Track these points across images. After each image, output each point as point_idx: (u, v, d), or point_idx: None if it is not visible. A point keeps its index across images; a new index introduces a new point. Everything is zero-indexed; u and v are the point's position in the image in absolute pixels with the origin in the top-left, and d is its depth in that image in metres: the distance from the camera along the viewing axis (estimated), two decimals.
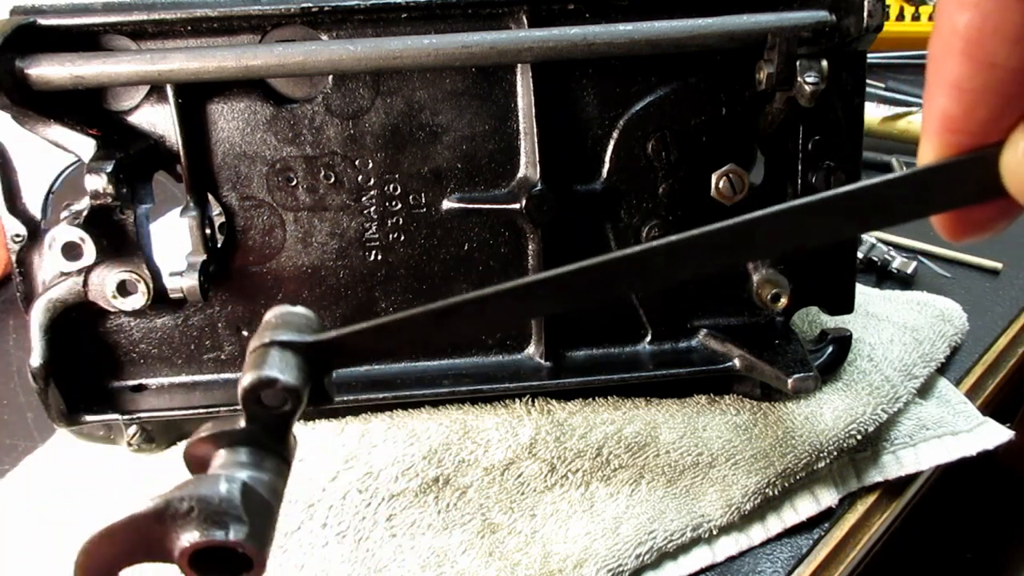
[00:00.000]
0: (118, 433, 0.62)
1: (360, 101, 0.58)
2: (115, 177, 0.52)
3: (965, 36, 0.21)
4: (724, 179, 0.60)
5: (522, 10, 0.57)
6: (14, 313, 0.78)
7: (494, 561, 0.55)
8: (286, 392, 0.34)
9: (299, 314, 0.38)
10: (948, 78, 0.22)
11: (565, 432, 0.60)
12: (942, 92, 0.22)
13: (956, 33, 0.21)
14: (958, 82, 0.22)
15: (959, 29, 0.21)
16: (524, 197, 0.59)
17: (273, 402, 0.35)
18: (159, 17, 0.55)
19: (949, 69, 0.22)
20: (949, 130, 0.23)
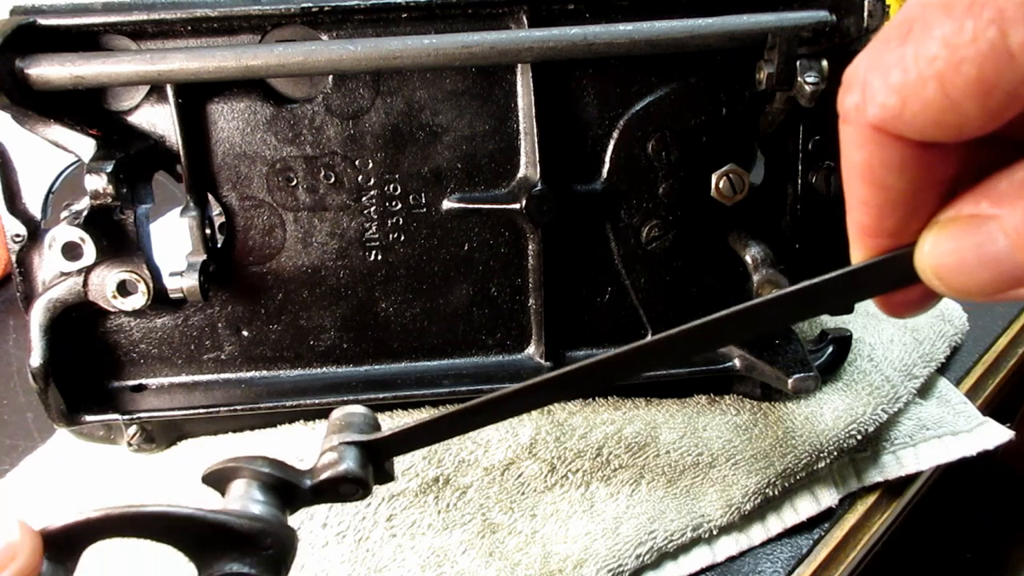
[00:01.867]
0: (118, 433, 0.62)
1: (360, 101, 0.59)
2: (115, 177, 0.52)
3: (860, 168, 0.25)
4: (724, 179, 0.60)
5: (522, 10, 0.57)
6: (14, 313, 0.78)
7: (494, 561, 0.55)
8: (358, 485, 0.42)
9: (359, 414, 0.45)
10: (856, 198, 0.26)
11: (565, 432, 0.60)
12: (855, 208, 0.27)
13: (854, 166, 0.25)
14: (864, 201, 0.26)
15: (856, 163, 0.25)
16: (524, 197, 0.59)
17: (347, 491, 0.42)
18: (159, 17, 0.55)
19: (855, 191, 0.26)
20: (868, 235, 0.27)
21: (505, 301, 0.63)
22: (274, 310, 0.62)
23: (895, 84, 0.23)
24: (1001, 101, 0.22)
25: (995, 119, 0.22)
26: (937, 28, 0.22)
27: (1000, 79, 0.21)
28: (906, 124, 0.23)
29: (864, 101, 0.24)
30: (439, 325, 0.63)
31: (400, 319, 0.63)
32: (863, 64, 0.24)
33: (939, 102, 0.22)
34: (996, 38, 0.21)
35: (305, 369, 0.63)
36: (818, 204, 0.62)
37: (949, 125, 0.23)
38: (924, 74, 0.22)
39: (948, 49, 0.22)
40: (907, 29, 0.23)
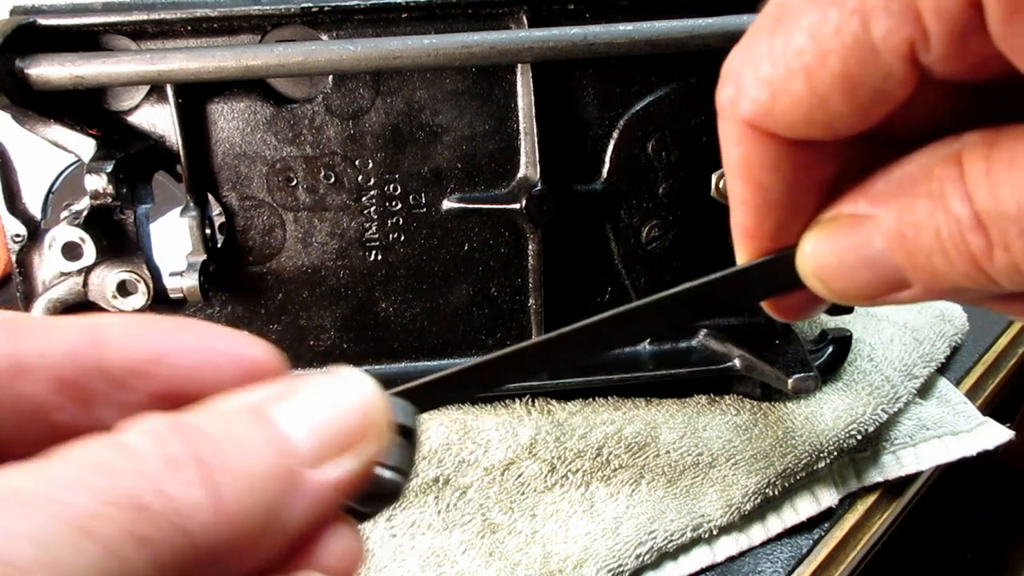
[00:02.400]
0: None
1: (360, 101, 0.59)
2: (115, 177, 0.52)
3: (738, 165, 0.24)
4: (724, 179, 0.60)
5: (522, 10, 0.57)
6: None
7: (494, 561, 0.55)
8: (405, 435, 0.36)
9: None
10: (736, 196, 0.25)
11: (565, 432, 0.60)
12: (735, 207, 0.25)
13: (732, 163, 0.24)
14: (743, 199, 0.25)
15: (733, 160, 0.24)
16: (524, 197, 0.59)
17: None
18: (159, 17, 0.55)
19: (734, 189, 0.25)
20: (749, 236, 0.26)
21: (505, 301, 0.63)
22: (274, 310, 0.62)
23: (764, 78, 0.22)
24: (868, 97, 0.21)
25: (865, 117, 0.21)
26: (804, 18, 0.21)
27: (865, 74, 0.20)
28: (776, 120, 0.22)
29: (736, 95, 0.23)
30: (439, 325, 0.63)
31: (400, 319, 0.63)
32: (737, 57, 0.23)
33: (807, 98, 0.21)
34: (859, 30, 0.20)
35: (305, 369, 0.63)
36: None
37: (818, 122, 0.22)
38: (791, 68, 0.21)
39: (813, 41, 0.20)
40: (777, 18, 0.21)
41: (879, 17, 0.19)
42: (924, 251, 0.21)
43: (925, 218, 0.21)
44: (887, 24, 0.19)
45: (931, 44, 0.19)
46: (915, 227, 0.21)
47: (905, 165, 0.22)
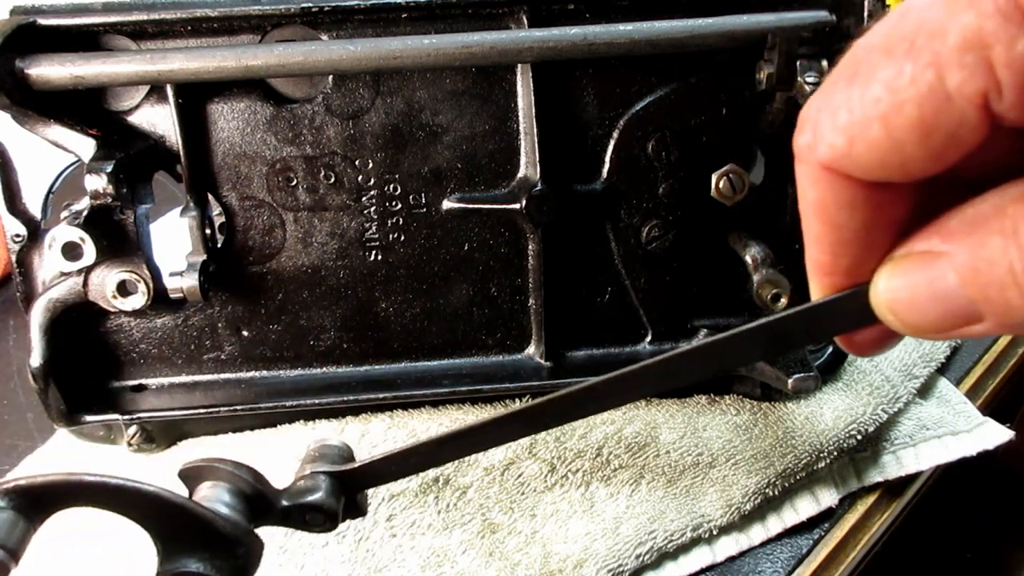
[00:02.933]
0: (118, 433, 0.62)
1: (360, 101, 0.59)
2: (115, 177, 0.52)
3: (815, 206, 0.26)
4: (724, 179, 0.60)
5: (522, 10, 0.57)
6: (14, 313, 0.78)
7: (494, 561, 0.55)
8: (327, 516, 0.42)
9: (334, 445, 0.45)
10: (812, 235, 0.27)
11: (565, 432, 0.60)
12: (811, 245, 0.27)
13: (809, 204, 0.26)
14: (819, 238, 0.26)
15: (810, 201, 0.26)
16: (524, 197, 0.59)
17: (314, 521, 0.42)
18: (159, 17, 0.55)
19: (811, 228, 0.26)
20: (824, 273, 0.27)
21: (505, 301, 0.63)
22: (274, 310, 0.62)
23: (842, 125, 0.23)
24: (942, 142, 0.22)
25: (938, 160, 0.23)
26: (880, 71, 0.22)
27: (939, 121, 0.21)
28: (854, 164, 0.24)
29: (815, 141, 0.24)
30: (439, 325, 0.63)
31: (400, 319, 0.63)
32: (814, 105, 0.25)
33: (883, 143, 0.23)
34: (934, 81, 0.21)
35: (305, 369, 0.63)
36: None
37: (894, 165, 0.23)
38: (869, 115, 0.22)
39: (890, 91, 0.22)
40: (853, 71, 0.23)
41: (953, 69, 0.21)
42: (997, 285, 0.22)
43: (999, 254, 0.22)
44: (961, 75, 0.21)
45: (1003, 94, 0.21)
46: (989, 262, 0.22)
47: (978, 204, 0.23)
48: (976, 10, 0.20)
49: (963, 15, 0.20)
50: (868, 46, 0.23)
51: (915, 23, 0.22)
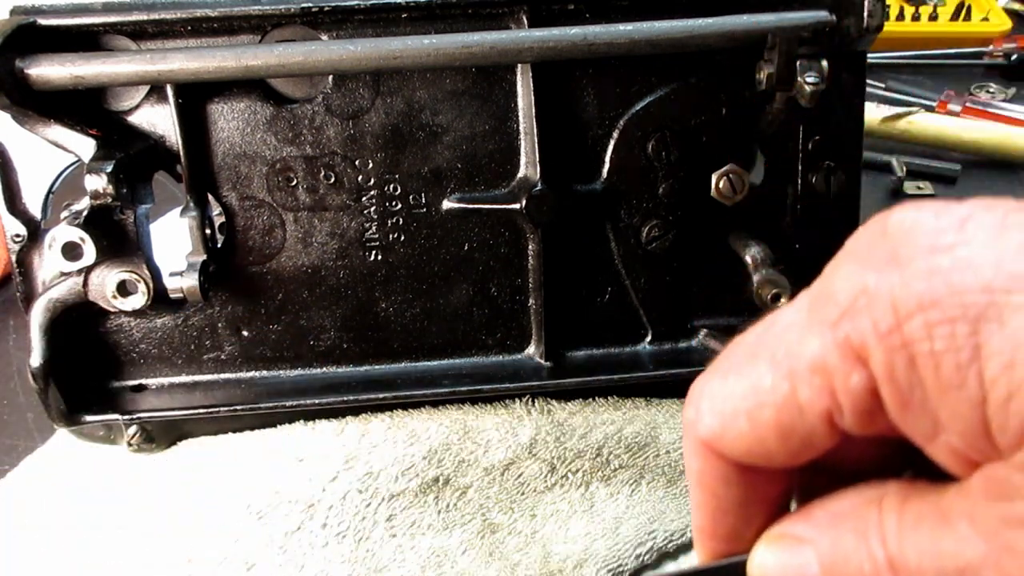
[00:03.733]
0: (118, 433, 0.62)
1: (360, 101, 0.59)
2: (115, 177, 0.52)
3: (696, 475, 0.28)
4: (724, 179, 0.60)
5: (522, 10, 0.57)
6: (14, 313, 0.78)
7: (494, 561, 0.55)
8: None
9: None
10: (694, 500, 0.29)
11: (565, 432, 0.60)
12: (694, 509, 0.29)
13: (691, 472, 0.28)
14: (700, 504, 0.28)
15: (693, 470, 0.28)
16: (524, 197, 0.59)
17: None
18: (159, 17, 0.55)
19: (693, 494, 0.28)
20: (706, 536, 0.29)
21: (505, 301, 0.63)
22: (274, 310, 0.62)
23: (716, 410, 0.26)
24: (797, 443, 0.24)
25: (796, 457, 0.25)
26: (748, 371, 0.25)
27: (794, 426, 0.24)
28: (725, 446, 0.26)
29: (696, 418, 0.26)
30: (439, 325, 0.63)
31: (400, 319, 0.63)
32: (699, 386, 0.27)
33: (748, 435, 0.25)
34: (788, 393, 0.24)
35: (305, 369, 0.63)
36: (818, 204, 0.62)
37: (758, 454, 0.25)
38: (737, 408, 0.25)
39: (754, 392, 0.24)
40: (730, 365, 0.26)
41: (804, 386, 0.23)
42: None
43: (851, 551, 0.24)
44: (810, 393, 0.23)
45: (844, 414, 0.23)
46: (844, 559, 0.24)
47: (840, 499, 0.26)
48: (822, 340, 0.23)
49: (812, 342, 0.23)
50: (743, 344, 0.26)
51: (778, 335, 0.24)
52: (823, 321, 0.23)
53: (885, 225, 0.23)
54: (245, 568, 0.54)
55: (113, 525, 0.57)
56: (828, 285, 0.24)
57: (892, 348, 0.22)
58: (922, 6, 1.22)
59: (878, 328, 0.22)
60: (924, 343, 0.21)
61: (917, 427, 0.22)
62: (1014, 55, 1.14)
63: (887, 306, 0.22)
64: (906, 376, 0.22)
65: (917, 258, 0.22)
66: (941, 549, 0.22)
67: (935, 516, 0.23)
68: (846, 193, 0.62)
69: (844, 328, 0.23)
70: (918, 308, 0.21)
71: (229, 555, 0.54)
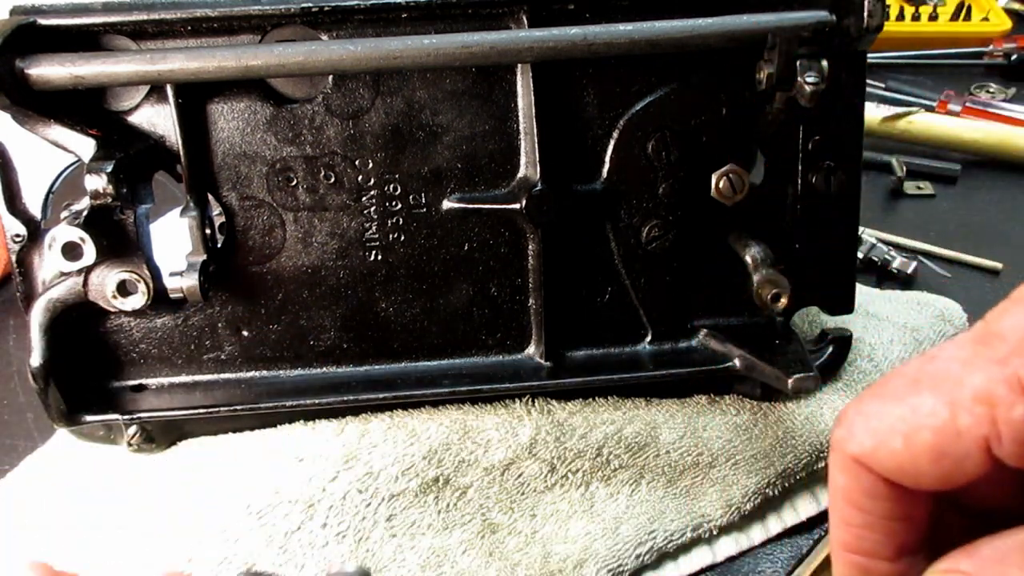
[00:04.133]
0: (118, 433, 0.62)
1: (360, 101, 0.59)
2: (115, 177, 0.52)
3: (843, 490, 0.29)
4: (724, 179, 0.60)
5: (522, 10, 0.57)
6: (14, 313, 0.78)
7: (494, 561, 0.55)
8: None
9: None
10: (838, 515, 0.30)
11: (565, 432, 0.60)
12: (837, 525, 0.30)
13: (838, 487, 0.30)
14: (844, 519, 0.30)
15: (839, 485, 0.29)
16: (524, 197, 0.59)
17: None
18: (159, 17, 0.55)
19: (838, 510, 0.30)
20: (846, 550, 0.30)
21: (505, 301, 0.63)
22: (274, 310, 0.62)
23: (872, 429, 0.28)
24: (950, 467, 0.26)
25: (946, 480, 0.27)
26: (908, 396, 0.27)
27: (949, 449, 0.26)
28: (877, 463, 0.28)
29: (848, 435, 0.28)
30: (439, 325, 0.63)
31: (400, 319, 0.63)
32: (852, 407, 0.29)
33: (902, 454, 0.27)
34: (948, 418, 0.25)
35: (305, 369, 0.63)
36: (818, 204, 0.62)
37: (909, 474, 0.27)
38: (894, 428, 0.27)
39: (913, 414, 0.26)
40: (888, 390, 0.28)
41: (964, 413, 0.25)
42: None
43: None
44: (970, 419, 0.25)
45: (1003, 443, 0.25)
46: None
47: (1007, 537, 0.26)
48: (988, 375, 0.25)
49: (978, 375, 0.25)
50: (903, 374, 0.28)
51: (942, 368, 0.26)
52: (990, 358, 0.25)
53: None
54: (245, 568, 0.54)
55: (113, 525, 0.57)
56: (995, 326, 0.26)
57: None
58: (922, 6, 1.22)
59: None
60: None
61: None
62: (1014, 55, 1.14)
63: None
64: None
65: None
66: None
67: None
68: (846, 193, 0.62)
69: (1013, 364, 0.25)
70: None
71: (229, 555, 0.54)
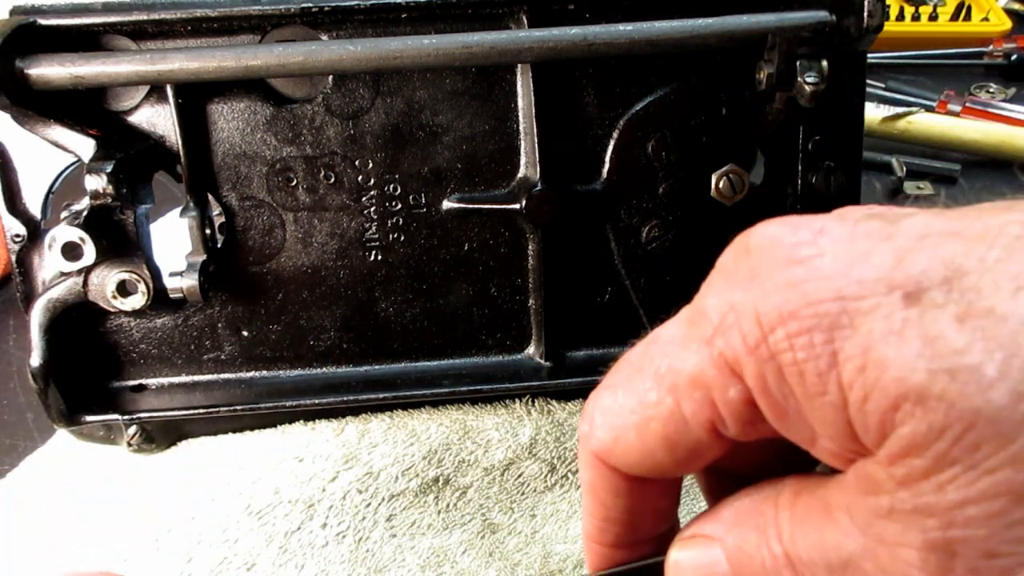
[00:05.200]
0: (118, 433, 0.62)
1: (360, 101, 0.59)
2: (115, 177, 0.52)
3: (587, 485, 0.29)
4: (724, 179, 0.60)
5: (522, 10, 0.57)
6: (14, 313, 0.78)
7: (494, 561, 0.55)
8: None
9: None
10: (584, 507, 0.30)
11: (565, 432, 0.60)
12: (584, 517, 0.30)
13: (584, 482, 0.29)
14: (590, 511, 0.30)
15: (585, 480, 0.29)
16: (524, 197, 0.59)
17: None
18: (159, 17, 0.55)
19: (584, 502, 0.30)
20: (593, 542, 0.30)
21: (505, 301, 0.63)
22: (274, 310, 0.62)
23: (608, 424, 0.27)
24: (685, 454, 0.26)
25: (685, 467, 0.26)
26: (635, 386, 0.26)
27: (680, 438, 0.25)
28: (617, 459, 0.27)
29: (590, 431, 0.28)
30: (439, 325, 0.63)
31: (400, 319, 0.63)
32: (593, 400, 0.28)
33: (638, 448, 0.26)
34: (673, 406, 0.25)
35: (305, 369, 0.63)
36: (818, 204, 0.62)
37: (648, 466, 0.27)
38: (626, 423, 0.26)
39: (641, 406, 0.26)
40: (618, 379, 0.27)
41: (687, 399, 0.25)
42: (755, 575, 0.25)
43: (754, 548, 0.25)
44: (693, 406, 0.24)
45: (727, 426, 0.24)
46: (748, 555, 0.25)
47: (743, 497, 0.27)
48: (699, 356, 0.24)
49: (691, 357, 0.24)
50: (630, 359, 0.27)
51: (660, 352, 0.26)
52: (699, 338, 0.24)
53: (748, 242, 0.25)
54: (245, 568, 0.54)
55: (113, 525, 0.57)
56: (701, 302, 0.25)
57: (761, 360, 0.22)
58: (922, 6, 1.22)
59: (747, 342, 0.23)
60: (788, 354, 0.22)
61: (796, 433, 0.23)
62: (1014, 55, 1.14)
63: (752, 321, 0.23)
64: (777, 386, 0.23)
65: (776, 272, 0.23)
66: (826, 542, 0.23)
67: (820, 510, 0.24)
68: (846, 193, 0.62)
69: (718, 344, 0.24)
70: (779, 321, 0.22)
71: (229, 555, 0.54)
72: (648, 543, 0.30)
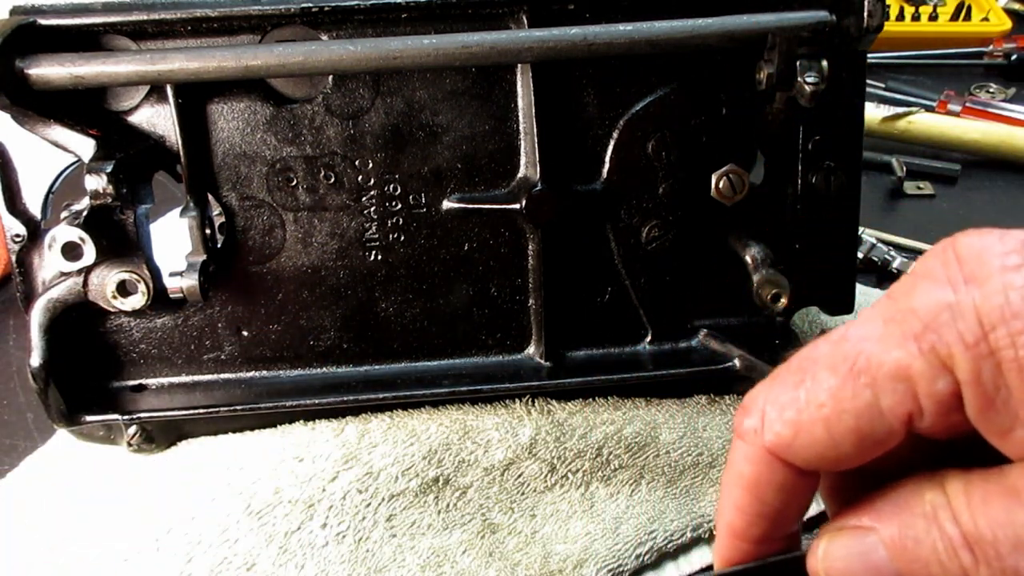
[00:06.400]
0: (118, 433, 0.62)
1: (360, 101, 0.59)
2: (115, 177, 0.52)
3: (747, 480, 0.30)
4: (724, 179, 0.60)
5: (522, 10, 0.57)
6: (14, 313, 0.78)
7: (494, 561, 0.55)
8: None
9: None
10: (733, 502, 0.30)
11: (565, 432, 0.60)
12: (730, 510, 0.31)
13: (742, 477, 0.30)
14: (741, 507, 0.30)
15: (745, 475, 0.29)
16: (524, 197, 0.59)
17: None
18: (159, 17, 0.55)
19: (734, 496, 0.30)
20: (736, 536, 0.31)
21: (505, 301, 0.63)
22: (274, 310, 0.62)
23: (789, 419, 0.28)
24: (871, 445, 0.27)
25: (865, 457, 0.28)
26: (825, 382, 0.27)
27: (872, 429, 0.26)
28: (795, 453, 0.28)
29: (762, 427, 0.28)
30: (439, 325, 0.63)
31: (400, 319, 0.63)
32: (762, 395, 0.29)
33: (824, 440, 0.27)
34: (871, 399, 0.26)
35: (305, 369, 0.63)
36: (818, 204, 0.62)
37: (829, 458, 0.28)
38: (813, 416, 0.27)
39: (834, 400, 0.27)
40: (800, 377, 0.28)
41: (887, 393, 0.26)
42: (923, 561, 0.26)
43: (923, 533, 0.26)
44: (893, 399, 0.26)
45: (924, 417, 0.26)
46: (915, 540, 0.26)
47: (899, 489, 0.28)
48: (905, 351, 0.25)
49: (896, 351, 0.26)
50: (813, 359, 0.28)
51: (855, 349, 0.27)
52: (904, 334, 0.26)
53: (955, 249, 0.26)
54: (245, 568, 0.54)
55: (113, 525, 0.57)
56: (907, 303, 0.26)
57: (979, 356, 0.24)
58: (922, 6, 1.22)
59: (964, 339, 0.25)
60: (1009, 350, 0.24)
61: (993, 424, 0.25)
62: (1014, 55, 1.14)
63: (972, 319, 0.25)
64: (992, 379, 0.24)
65: (993, 276, 0.25)
66: (1015, 519, 0.25)
67: (1003, 493, 0.25)
68: (846, 193, 0.62)
69: (929, 339, 0.25)
70: (1001, 320, 0.24)
71: (229, 555, 0.54)
72: (784, 540, 0.31)
